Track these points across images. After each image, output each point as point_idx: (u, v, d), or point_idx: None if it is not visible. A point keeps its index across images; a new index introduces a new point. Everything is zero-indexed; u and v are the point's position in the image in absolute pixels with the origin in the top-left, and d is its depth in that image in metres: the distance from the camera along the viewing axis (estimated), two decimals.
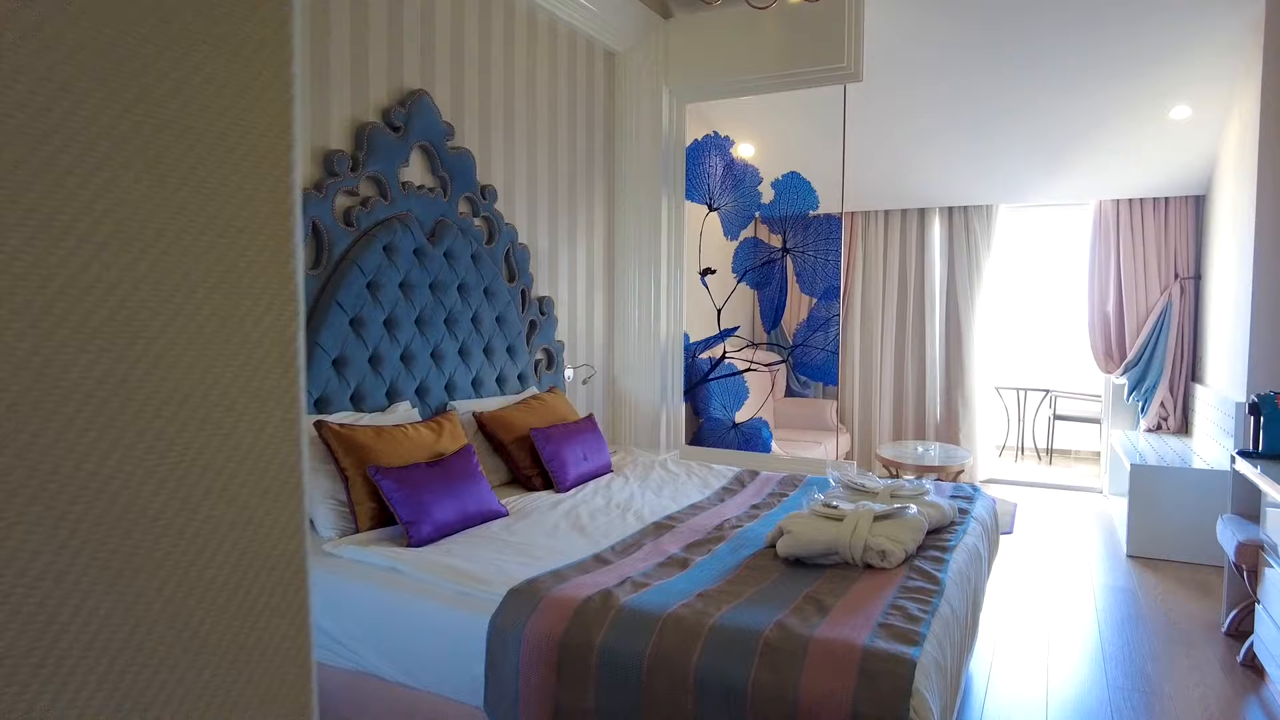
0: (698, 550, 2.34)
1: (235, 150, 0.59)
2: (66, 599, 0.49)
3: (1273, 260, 4.03)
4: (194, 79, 0.56)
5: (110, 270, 0.50)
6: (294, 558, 0.66)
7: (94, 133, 0.49)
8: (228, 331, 0.59)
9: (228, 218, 0.59)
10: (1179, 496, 4.35)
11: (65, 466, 0.48)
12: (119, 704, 0.52)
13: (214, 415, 0.58)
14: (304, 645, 0.67)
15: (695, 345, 4.79)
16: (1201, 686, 2.91)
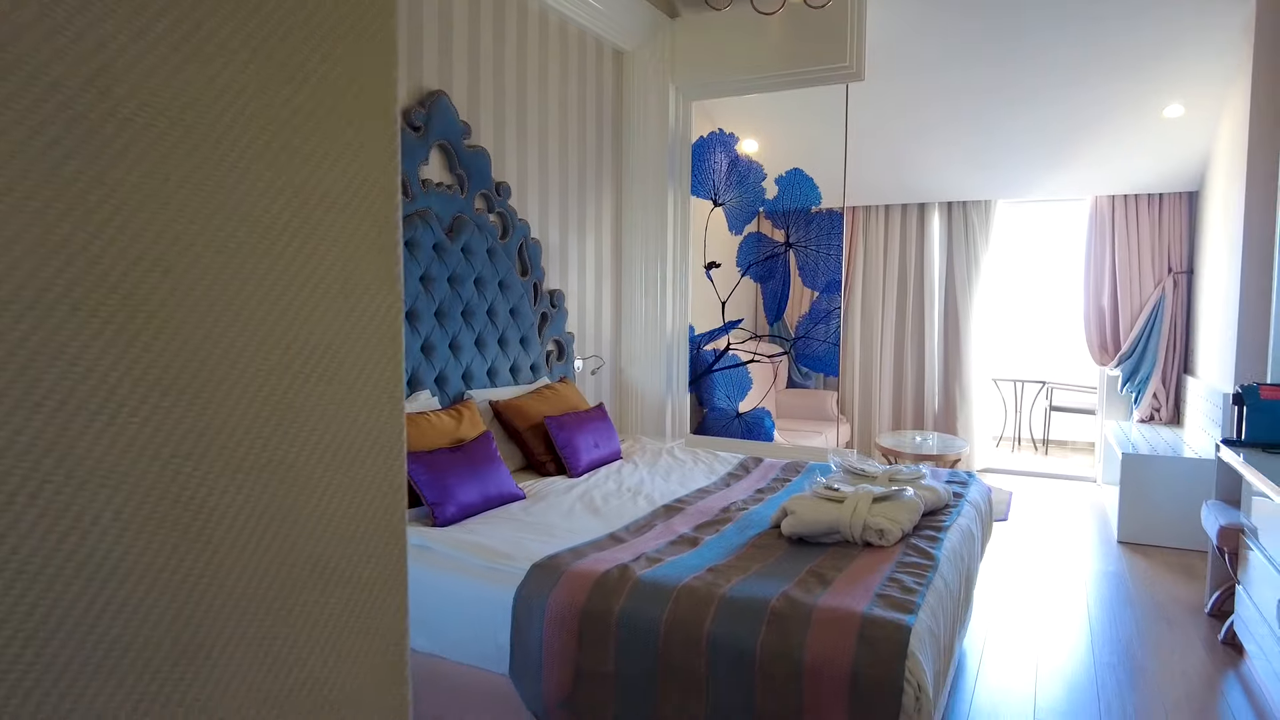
0: (707, 530, 2.49)
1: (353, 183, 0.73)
2: None
3: (1260, 256, 4.17)
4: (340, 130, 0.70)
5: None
6: (397, 522, 0.80)
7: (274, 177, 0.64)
8: (352, 322, 0.73)
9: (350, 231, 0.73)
10: (1168, 484, 4.50)
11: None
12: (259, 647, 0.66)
13: (351, 392, 0.73)
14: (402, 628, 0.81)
15: (700, 337, 4.92)
16: (1184, 663, 3.06)
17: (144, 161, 0.55)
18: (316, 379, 0.69)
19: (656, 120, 4.70)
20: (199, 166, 0.59)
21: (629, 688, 1.90)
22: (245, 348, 0.62)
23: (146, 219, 0.55)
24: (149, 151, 0.55)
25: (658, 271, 4.72)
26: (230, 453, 0.62)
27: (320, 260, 0.69)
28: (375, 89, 0.75)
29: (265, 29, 0.63)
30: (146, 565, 0.56)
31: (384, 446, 0.77)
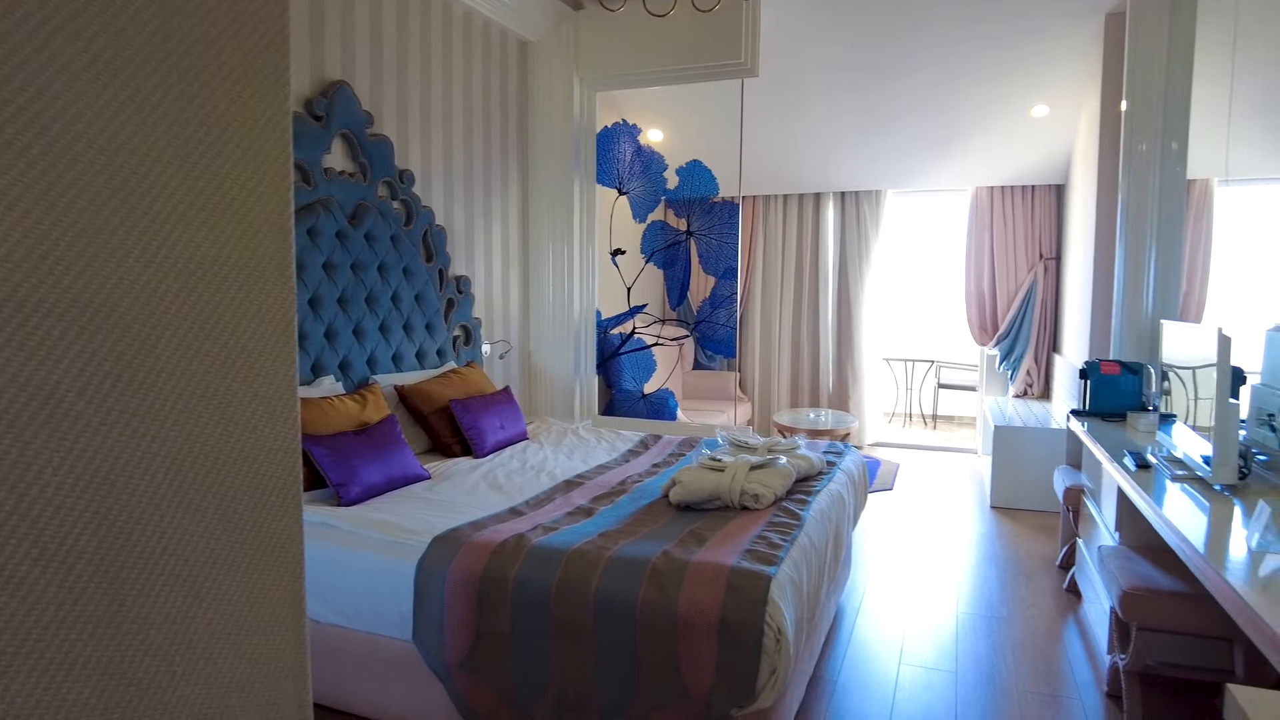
0: (602, 501, 2.67)
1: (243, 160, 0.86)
2: None
3: (1108, 243, 4.60)
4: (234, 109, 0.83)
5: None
6: (293, 511, 0.94)
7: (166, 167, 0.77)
8: (248, 305, 0.86)
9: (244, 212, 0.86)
10: (1033, 453, 4.93)
11: None
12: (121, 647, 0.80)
13: (239, 382, 0.86)
14: (299, 595, 0.95)
15: (607, 322, 5.09)
16: (1034, 610, 3.43)
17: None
18: (215, 358, 0.82)
19: (561, 110, 4.82)
20: (105, 168, 0.71)
21: (524, 646, 2.06)
22: (155, 327, 0.75)
23: (65, 220, 0.67)
24: None
25: (564, 258, 4.86)
26: (134, 428, 0.75)
27: (220, 247, 0.82)
28: (266, 79, 0.87)
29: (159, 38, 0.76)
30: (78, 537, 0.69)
31: (278, 424, 0.91)
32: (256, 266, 0.88)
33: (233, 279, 0.85)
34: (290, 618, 0.94)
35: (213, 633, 0.84)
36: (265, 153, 0.88)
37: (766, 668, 1.82)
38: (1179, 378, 3.04)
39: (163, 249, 0.76)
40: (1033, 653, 3.00)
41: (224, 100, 0.83)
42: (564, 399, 4.86)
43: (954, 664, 2.91)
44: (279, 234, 0.90)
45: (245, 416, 0.89)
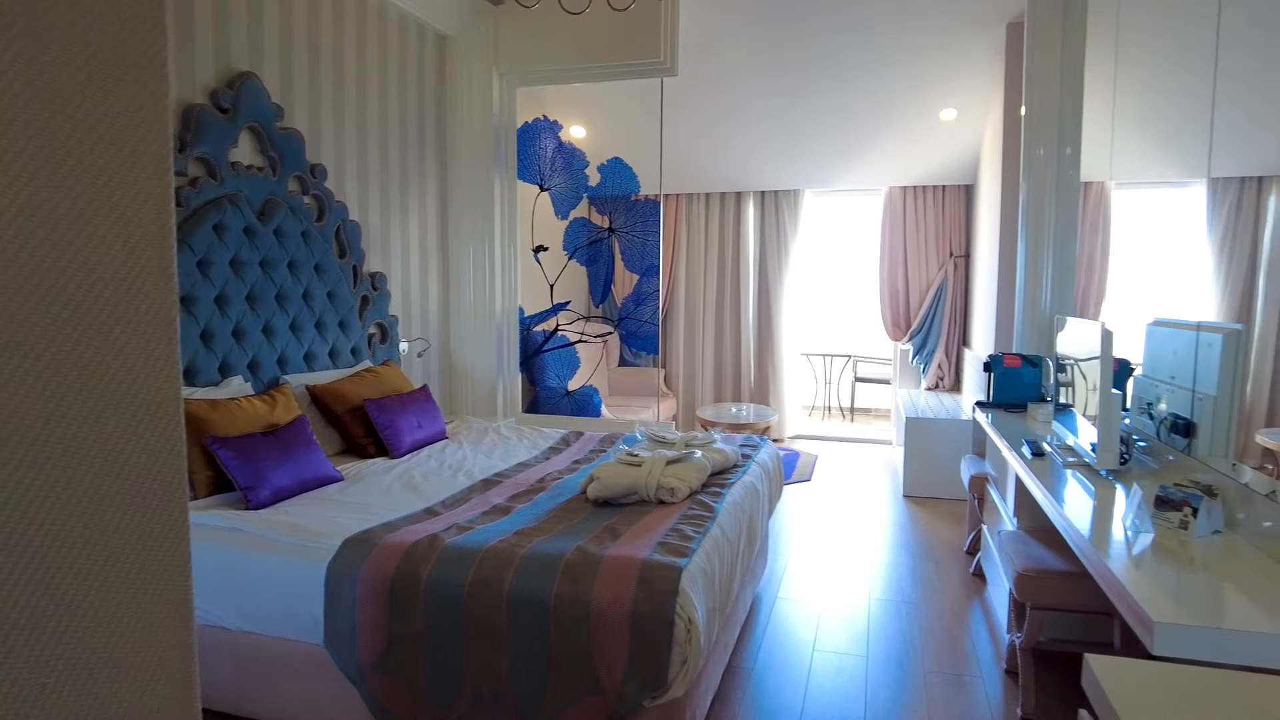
0: (520, 499, 2.67)
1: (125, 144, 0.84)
2: None
3: (1011, 242, 4.82)
4: None
5: None
6: (178, 515, 0.92)
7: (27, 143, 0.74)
8: (129, 302, 0.84)
9: None
10: (943, 443, 5.13)
11: None
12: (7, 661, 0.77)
13: (118, 389, 0.84)
14: (185, 598, 0.93)
15: (530, 319, 5.07)
16: (942, 594, 3.57)
17: None
18: (94, 356, 0.80)
19: (481, 105, 4.78)
20: None
21: (438, 646, 2.05)
22: (34, 327, 0.73)
23: None
24: None
25: (485, 254, 4.82)
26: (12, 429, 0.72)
27: (95, 246, 0.79)
28: (143, 67, 0.85)
29: None
30: None
31: (160, 426, 0.88)
32: (134, 265, 0.85)
33: (108, 278, 0.83)
34: (175, 625, 0.92)
35: (88, 644, 0.82)
36: (142, 146, 0.85)
37: (678, 658, 1.85)
38: (1080, 370, 3.22)
39: (26, 248, 0.74)
40: (940, 635, 3.13)
41: (95, 93, 0.80)
42: (486, 397, 4.83)
43: (865, 648, 3.01)
44: (158, 231, 0.87)
45: (124, 419, 0.86)
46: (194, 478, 2.64)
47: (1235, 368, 2.33)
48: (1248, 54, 2.75)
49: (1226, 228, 2.91)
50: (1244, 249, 2.84)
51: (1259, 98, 2.81)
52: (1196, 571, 1.72)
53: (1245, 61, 2.75)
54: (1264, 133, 2.89)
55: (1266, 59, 2.75)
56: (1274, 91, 2.77)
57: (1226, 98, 2.65)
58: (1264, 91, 2.79)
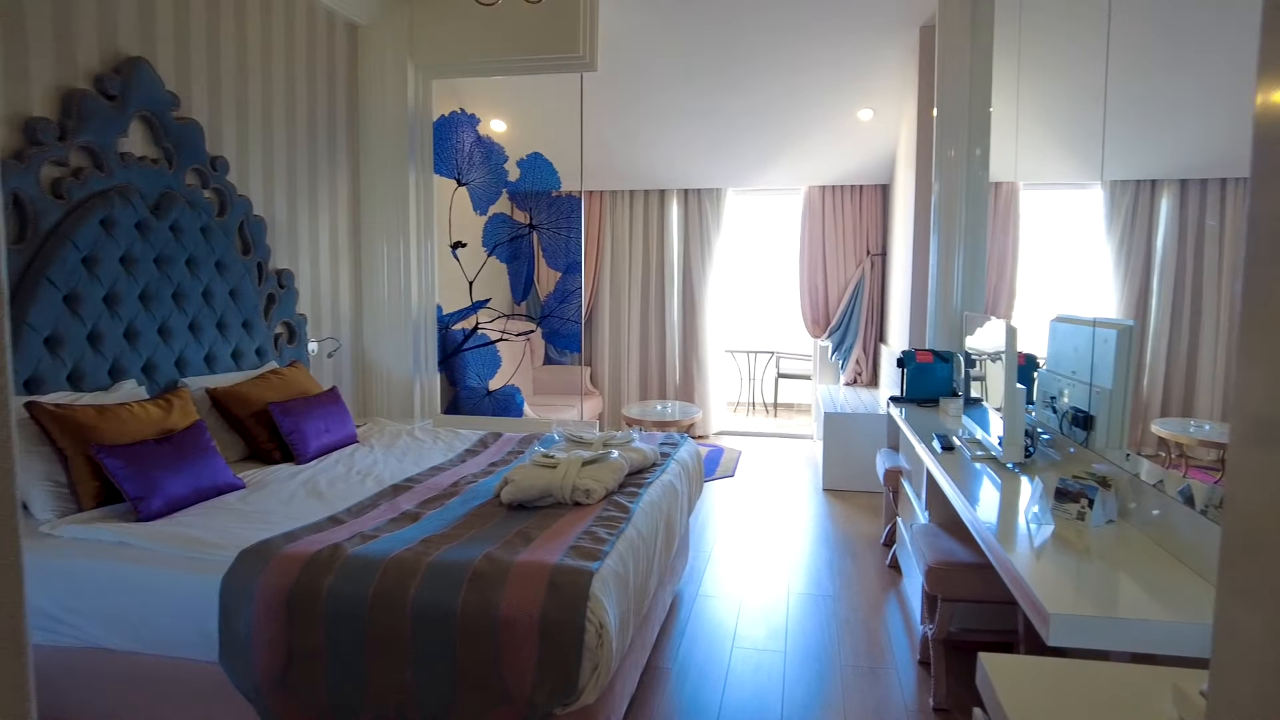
0: (431, 505, 2.58)
1: None
2: None
3: (925, 241, 4.94)
4: None
5: None
6: (6, 541, 0.83)
7: None
8: None
9: None
10: (860, 437, 5.22)
11: None
12: None
13: None
14: (18, 629, 0.84)
15: (448, 317, 4.96)
16: (859, 587, 3.63)
17: None
18: None
19: (395, 97, 4.64)
20: None
21: (340, 661, 1.96)
22: None
23: None
24: None
25: (401, 251, 4.68)
26: None
27: None
28: None
29: None
30: None
31: None
32: None
33: None
34: (4, 662, 0.83)
35: None
36: None
37: (589, 664, 1.82)
38: (989, 365, 3.31)
39: None
40: (856, 628, 3.18)
41: None
42: (403, 398, 4.70)
43: (783, 644, 3.03)
44: None
45: None
46: (79, 489, 2.48)
47: (1129, 362, 2.41)
48: (1145, 60, 2.86)
49: (1124, 229, 3.03)
50: (1140, 249, 2.95)
51: (1154, 104, 2.92)
52: (1092, 561, 1.77)
53: (1141, 67, 2.86)
54: (1158, 138, 3.02)
55: (1160, 66, 2.86)
56: (1166, 99, 2.89)
57: (1122, 103, 2.75)
58: (1157, 98, 2.91)
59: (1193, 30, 2.65)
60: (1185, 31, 2.68)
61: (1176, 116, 2.89)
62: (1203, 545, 1.67)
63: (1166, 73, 2.84)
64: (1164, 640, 1.40)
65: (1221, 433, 2.34)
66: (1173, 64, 2.78)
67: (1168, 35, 2.77)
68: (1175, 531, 1.80)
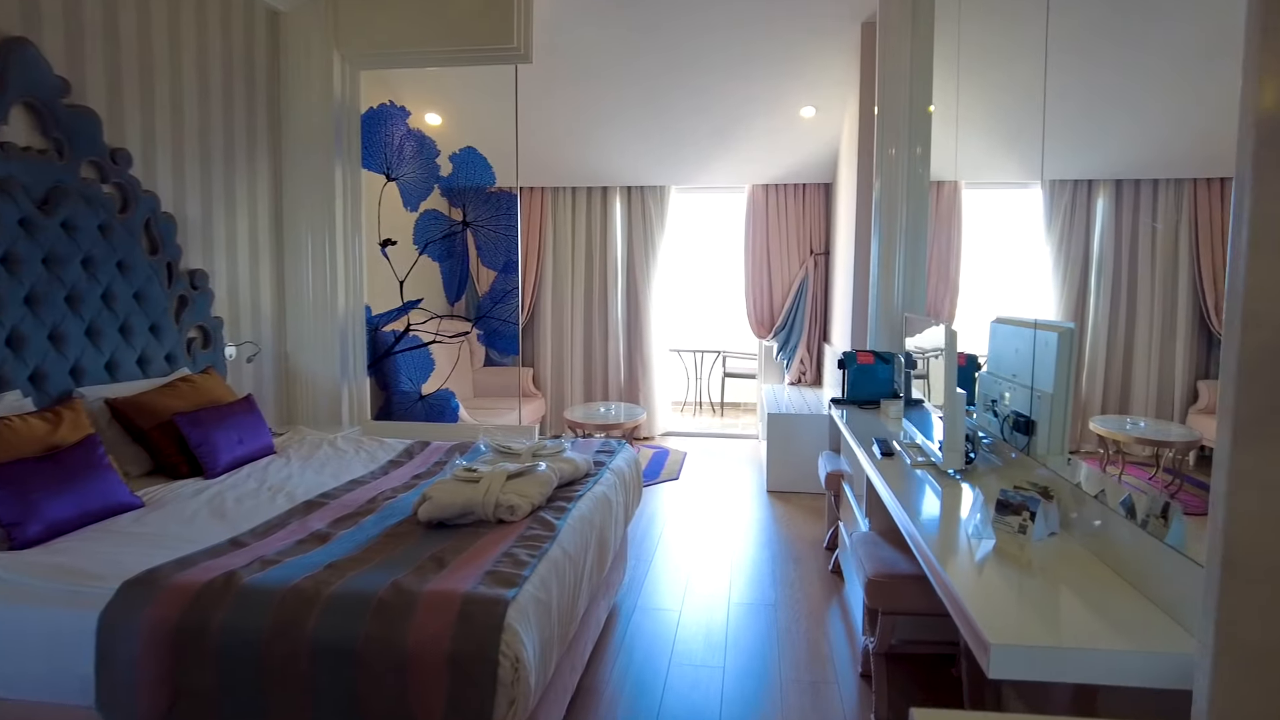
0: (343, 524, 2.40)
1: None
2: None
3: (866, 240, 4.89)
4: None
5: None
6: None
7: None
8: None
9: None
10: (804, 438, 5.16)
11: None
12: None
13: None
14: None
15: (378, 318, 4.75)
16: (801, 594, 3.55)
17: None
18: None
19: (320, 88, 4.41)
20: None
21: (233, 701, 1.78)
22: None
23: None
24: None
25: (326, 249, 4.46)
26: None
27: None
28: None
29: None
30: None
31: None
32: None
33: None
34: None
35: None
36: None
37: (504, 700, 1.67)
38: (929, 366, 3.25)
39: None
40: (798, 639, 3.09)
41: None
42: (330, 404, 4.47)
43: (723, 658, 2.92)
44: None
45: None
46: None
47: (1069, 366, 2.36)
48: (1083, 60, 2.82)
49: (1063, 228, 3.01)
50: (1078, 248, 2.93)
51: (1093, 104, 2.89)
52: (1034, 578, 1.69)
53: (1079, 68, 2.83)
54: (1096, 139, 2.99)
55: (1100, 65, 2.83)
56: (1104, 99, 2.86)
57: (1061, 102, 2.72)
58: (1096, 98, 2.88)
59: (1130, 32, 2.62)
60: (1122, 33, 2.65)
61: (1114, 117, 2.86)
62: (1143, 560, 1.60)
63: (1105, 72, 2.80)
64: (1109, 671, 1.31)
65: (1156, 429, 2.29)
66: (1111, 64, 2.74)
67: (1106, 36, 2.74)
68: (1117, 545, 1.73)
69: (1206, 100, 1.96)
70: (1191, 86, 1.99)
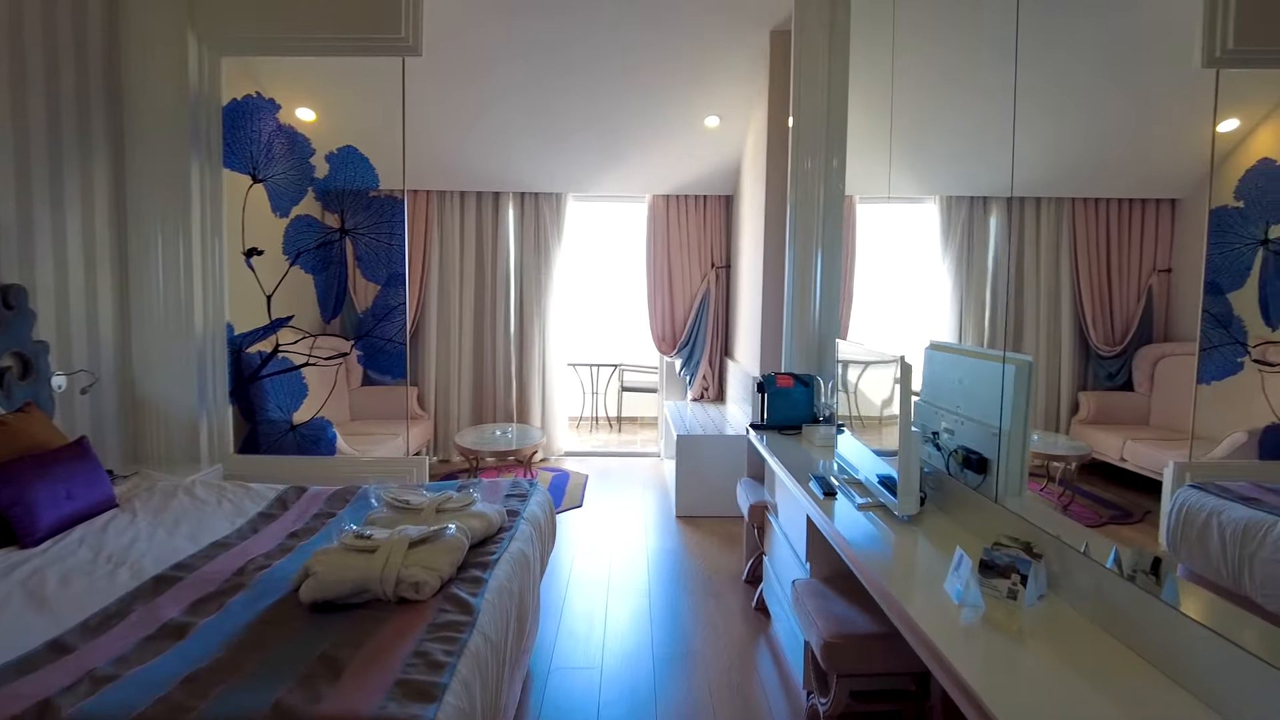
0: (205, 609, 1.95)
1: None
2: None
3: (775, 255, 4.73)
4: None
5: None
6: None
7: None
8: None
9: None
10: (713, 460, 4.95)
11: None
12: None
13: None
14: None
15: (242, 338, 4.17)
16: (727, 636, 3.30)
17: None
18: None
19: (172, 76, 3.83)
20: None
21: None
22: None
23: None
24: None
25: (181, 258, 3.87)
26: None
27: None
28: None
29: None
30: None
31: None
32: None
33: None
34: None
35: None
36: None
37: None
38: (862, 392, 3.08)
39: None
40: (729, 695, 2.83)
41: None
42: (186, 439, 3.88)
43: None
44: None
45: None
46: None
47: (1028, 402, 2.21)
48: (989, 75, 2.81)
49: (960, 244, 2.98)
50: (977, 264, 2.91)
51: (990, 120, 2.90)
52: (1035, 653, 1.50)
53: (977, 86, 2.82)
54: (989, 157, 3.00)
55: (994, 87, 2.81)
56: (998, 116, 2.87)
57: (960, 118, 2.69)
58: (992, 115, 2.89)
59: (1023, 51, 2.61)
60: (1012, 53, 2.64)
61: (1005, 135, 2.88)
62: (1154, 629, 1.45)
63: (1000, 93, 2.81)
64: None
65: (1050, 443, 2.20)
66: (1003, 85, 2.75)
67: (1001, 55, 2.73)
68: (1110, 605, 1.58)
69: (1086, 124, 2.04)
70: (1076, 110, 2.03)
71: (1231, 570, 1.50)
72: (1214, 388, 1.64)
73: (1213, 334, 1.63)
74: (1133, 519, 1.99)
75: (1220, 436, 1.64)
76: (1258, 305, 1.58)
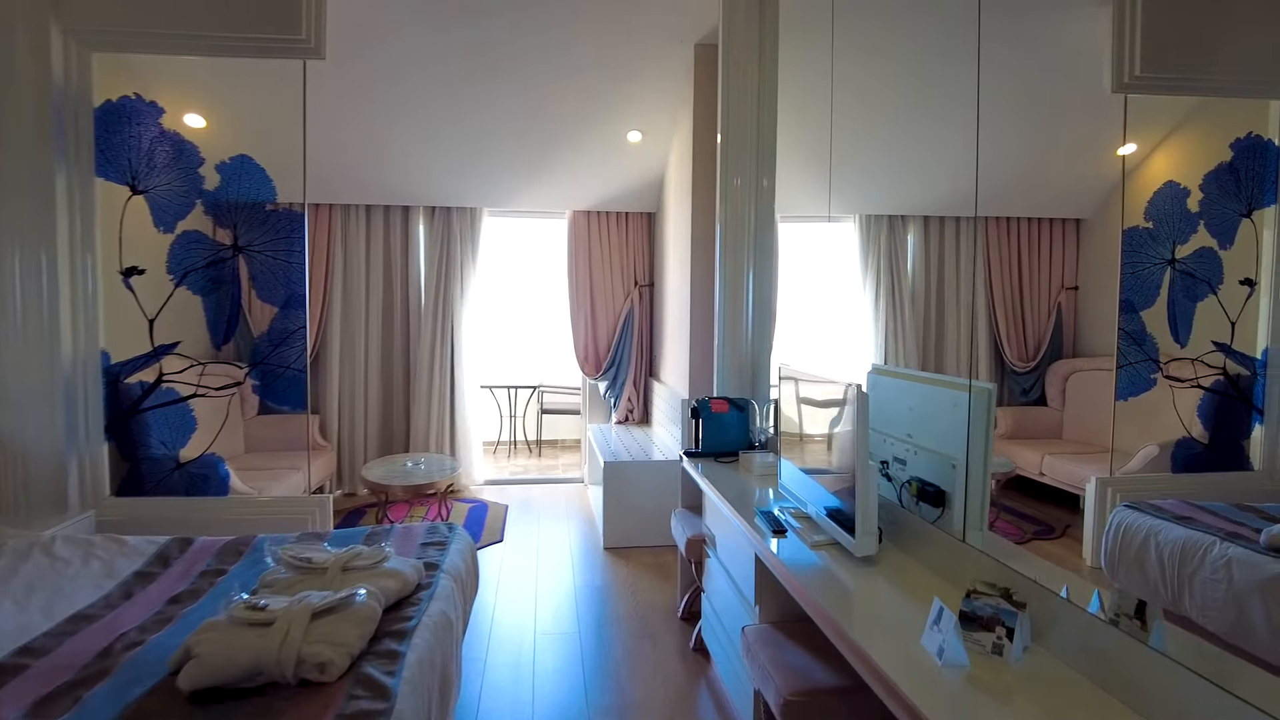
0: (58, 706, 1.60)
1: None
2: None
3: (703, 273, 4.58)
4: None
5: None
6: None
7: None
8: None
9: None
10: (643, 488, 4.74)
11: None
12: None
13: None
14: None
15: (119, 367, 3.72)
16: (664, 680, 3.08)
17: None
18: None
19: (33, 71, 3.40)
20: None
21: None
22: None
23: None
24: None
25: (45, 278, 3.42)
26: None
27: None
28: None
29: None
30: None
31: None
32: None
33: None
34: None
35: None
36: None
37: None
38: (808, 419, 2.93)
39: None
40: None
41: None
42: (51, 484, 3.41)
43: None
44: None
45: None
46: None
47: (988, 430, 2.09)
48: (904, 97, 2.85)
49: (877, 262, 2.98)
50: (895, 281, 2.88)
51: (904, 142, 2.93)
52: (1029, 713, 1.35)
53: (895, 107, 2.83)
54: (906, 174, 3.02)
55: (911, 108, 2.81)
56: (913, 137, 2.90)
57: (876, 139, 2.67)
58: (906, 136, 2.92)
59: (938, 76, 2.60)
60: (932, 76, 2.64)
61: (920, 155, 2.88)
62: (1136, 673, 1.34)
63: (915, 114, 2.82)
64: None
65: None
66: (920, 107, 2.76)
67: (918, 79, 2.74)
68: (1099, 655, 1.47)
69: (999, 146, 2.07)
70: (990, 131, 2.05)
71: (1171, 591, 1.49)
72: (1129, 403, 1.66)
73: (1128, 351, 1.65)
74: (1054, 534, 1.94)
75: (1133, 450, 1.66)
76: (1167, 323, 1.61)
